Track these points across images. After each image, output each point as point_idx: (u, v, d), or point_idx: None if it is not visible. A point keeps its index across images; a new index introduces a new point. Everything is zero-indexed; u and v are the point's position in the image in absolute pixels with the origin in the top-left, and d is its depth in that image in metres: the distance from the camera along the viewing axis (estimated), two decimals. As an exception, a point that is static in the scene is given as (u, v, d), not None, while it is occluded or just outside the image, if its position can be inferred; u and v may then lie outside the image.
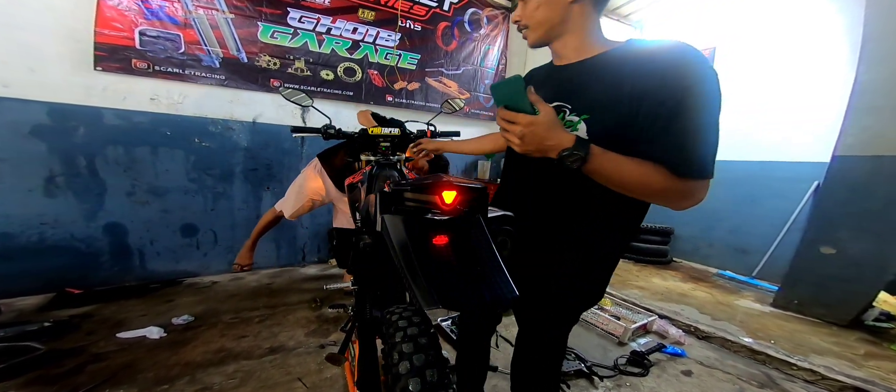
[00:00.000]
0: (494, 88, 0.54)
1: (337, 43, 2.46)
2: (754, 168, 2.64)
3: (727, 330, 1.75)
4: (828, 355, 1.54)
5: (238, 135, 2.23)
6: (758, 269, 2.55)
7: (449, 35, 2.81)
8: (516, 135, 0.53)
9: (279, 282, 2.20)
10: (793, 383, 1.41)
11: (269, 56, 2.25)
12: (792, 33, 2.51)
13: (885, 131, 1.76)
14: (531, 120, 0.52)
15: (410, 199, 0.47)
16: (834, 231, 1.90)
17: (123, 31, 1.85)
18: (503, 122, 0.54)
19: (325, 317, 1.73)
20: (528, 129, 0.52)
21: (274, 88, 2.29)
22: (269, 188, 2.35)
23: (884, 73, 1.77)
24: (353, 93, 2.58)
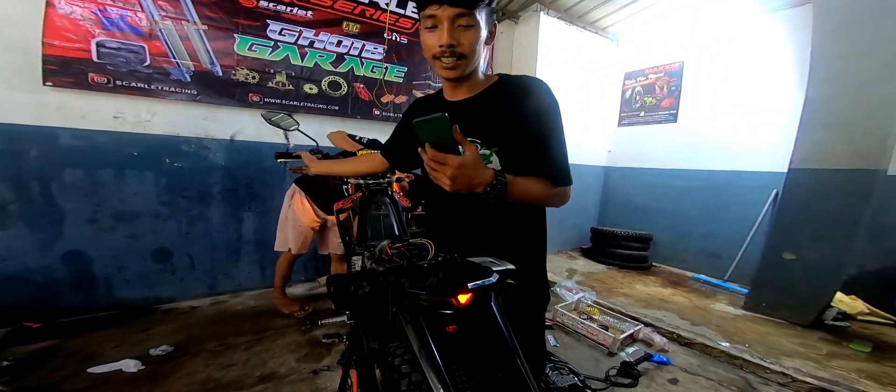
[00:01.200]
0: (419, 125, 0.53)
1: (321, 56, 2.35)
2: (724, 177, 2.77)
3: (706, 335, 1.81)
4: (796, 357, 1.63)
5: (214, 153, 2.07)
6: (729, 272, 2.68)
7: (436, 48, 2.77)
8: (448, 176, 0.55)
9: (265, 304, 2.08)
10: (768, 387, 1.48)
11: (248, 69, 2.11)
12: (751, 51, 2.66)
13: (833, 147, 1.89)
14: (461, 161, 0.54)
15: (425, 300, 0.48)
16: (794, 237, 2.02)
17: (77, 43, 1.66)
18: (433, 163, 0.55)
19: (317, 340, 1.65)
20: (459, 171, 0.55)
21: (253, 104, 2.15)
22: (250, 208, 2.21)
23: (830, 92, 1.91)
24: (338, 107, 2.48)
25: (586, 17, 3.11)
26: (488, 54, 3.03)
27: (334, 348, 1.58)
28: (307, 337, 1.69)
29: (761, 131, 2.59)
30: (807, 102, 1.99)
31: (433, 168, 0.56)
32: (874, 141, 1.81)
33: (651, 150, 3.25)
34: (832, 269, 1.92)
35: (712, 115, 2.86)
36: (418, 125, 0.53)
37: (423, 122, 0.52)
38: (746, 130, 2.67)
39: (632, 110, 3.45)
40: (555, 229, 0.89)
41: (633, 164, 3.41)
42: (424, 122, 0.52)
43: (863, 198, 1.83)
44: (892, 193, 2.01)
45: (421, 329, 0.46)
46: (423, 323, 0.46)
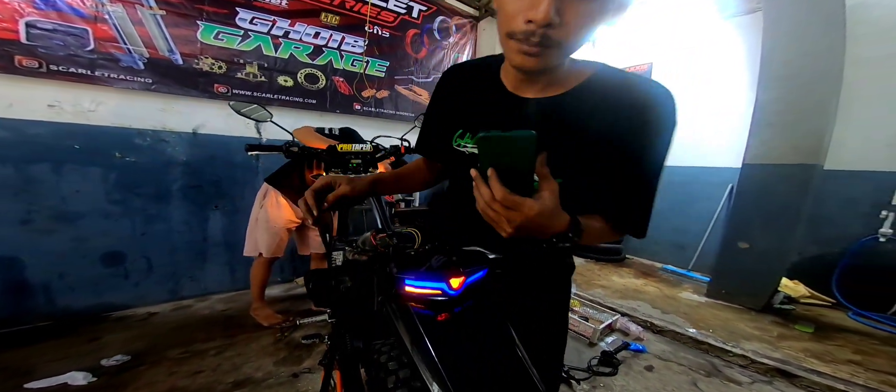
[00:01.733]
0: (487, 142, 0.34)
1: (296, 47, 2.21)
2: (690, 172, 2.95)
3: (675, 323, 1.91)
4: (752, 340, 1.75)
5: (174, 148, 1.87)
6: (692, 262, 2.86)
7: (418, 42, 2.71)
8: (512, 224, 0.36)
9: (237, 307, 1.92)
10: (731, 369, 1.57)
11: (213, 59, 1.93)
12: (711, 54, 2.85)
13: (778, 144, 2.06)
14: (540, 210, 0.35)
15: (413, 286, 0.44)
16: (747, 228, 2.18)
17: (2, 22, 1.43)
18: (495, 211, 0.36)
19: (296, 342, 1.54)
20: (530, 224, 0.35)
21: (220, 95, 1.98)
22: (217, 207, 2.02)
23: (776, 94, 2.07)
24: (315, 101, 2.34)
25: None
26: (472, 48, 3.02)
27: (315, 349, 1.49)
28: (286, 339, 1.58)
29: (721, 129, 2.78)
30: (757, 103, 2.15)
31: (493, 215, 0.36)
32: (812, 139, 1.99)
33: None
34: (778, 256, 2.10)
35: (682, 114, 3.02)
36: (485, 141, 0.34)
37: (497, 139, 0.33)
38: (709, 129, 2.86)
39: None
40: None
41: None
42: (498, 140, 0.33)
43: (803, 190, 2.01)
44: (827, 186, 2.21)
45: (410, 318, 0.42)
46: (412, 312, 0.42)
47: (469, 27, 2.97)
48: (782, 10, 2.05)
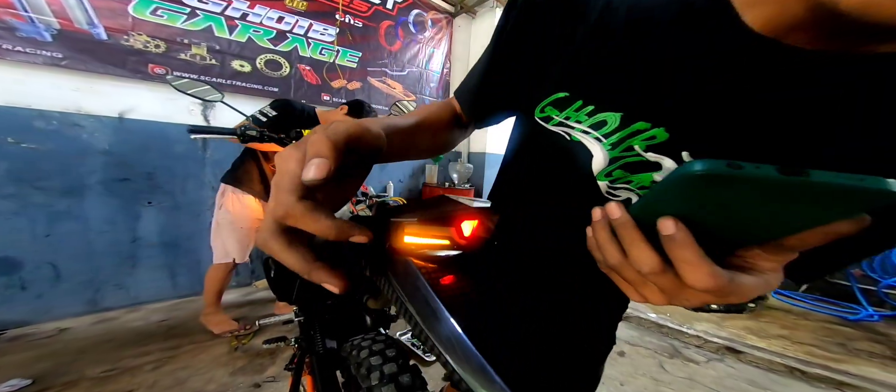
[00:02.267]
0: (687, 182, 0.15)
1: (256, 31, 1.98)
2: None
3: (639, 308, 2.01)
4: (703, 321, 1.90)
5: (92, 134, 1.55)
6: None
7: (393, 34, 2.59)
8: (687, 301, 0.20)
9: (180, 316, 1.64)
10: (689, 350, 1.68)
11: (149, 36, 1.64)
12: None
13: None
14: (751, 288, 0.19)
15: (416, 236, 0.32)
16: None
17: None
18: (689, 293, 0.19)
19: (257, 350, 1.36)
20: (721, 298, 0.19)
21: (155, 76, 1.68)
22: (150, 203, 1.71)
23: None
24: (278, 89, 2.12)
25: None
26: (448, 45, 2.97)
27: (281, 354, 1.33)
28: (244, 348, 1.38)
29: None
30: None
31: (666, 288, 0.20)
32: None
33: None
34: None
35: None
36: (685, 180, 0.15)
37: (718, 174, 0.14)
38: None
39: None
40: None
41: None
42: (718, 174, 0.14)
43: None
44: None
45: (412, 274, 0.30)
46: (414, 266, 0.30)
47: (445, 23, 2.93)
48: None
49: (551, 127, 0.32)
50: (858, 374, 1.40)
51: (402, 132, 0.34)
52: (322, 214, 0.20)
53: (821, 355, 1.55)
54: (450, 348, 0.24)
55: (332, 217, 0.20)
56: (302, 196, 0.20)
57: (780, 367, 1.49)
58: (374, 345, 0.44)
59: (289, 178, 0.20)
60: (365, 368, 0.41)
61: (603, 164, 0.31)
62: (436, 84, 2.94)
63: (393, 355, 0.43)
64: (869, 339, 1.74)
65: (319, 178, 0.19)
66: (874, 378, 1.36)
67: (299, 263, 0.21)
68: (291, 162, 0.20)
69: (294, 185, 0.20)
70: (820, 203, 0.15)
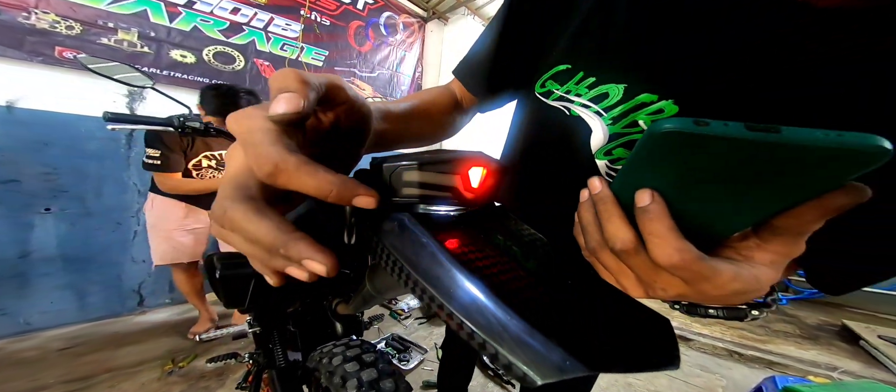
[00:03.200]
0: (709, 141, 0.13)
1: (204, 20, 1.75)
2: None
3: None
4: (658, 310, 2.06)
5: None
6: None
7: (363, 35, 2.49)
8: (667, 292, 0.19)
9: (92, 342, 1.34)
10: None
11: (58, 16, 1.36)
12: None
13: None
14: (739, 286, 0.17)
15: (415, 184, 0.25)
16: None
17: None
18: (665, 276, 0.18)
19: (201, 371, 1.16)
20: (712, 299, 0.18)
21: (64, 61, 1.39)
22: (48, 210, 1.37)
23: None
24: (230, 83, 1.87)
25: None
26: (419, 49, 2.94)
27: (231, 375, 1.14)
28: (182, 372, 1.16)
29: None
30: None
31: (638, 272, 0.19)
32: None
33: None
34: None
35: None
36: (693, 143, 0.14)
37: (764, 145, 0.13)
38: None
39: None
40: None
41: None
42: (764, 146, 0.13)
43: None
44: None
45: (412, 225, 0.23)
46: (417, 223, 0.23)
47: (417, 27, 2.91)
48: None
49: (551, 101, 0.29)
50: (781, 353, 1.58)
51: (395, 116, 0.29)
52: (320, 168, 0.15)
53: (751, 338, 1.75)
54: (474, 311, 0.18)
55: (331, 171, 0.16)
56: (290, 148, 0.15)
57: (723, 351, 1.65)
58: (347, 351, 0.39)
59: (262, 131, 0.15)
60: (339, 377, 0.36)
61: (602, 140, 0.27)
62: (407, 87, 2.88)
63: (371, 360, 0.38)
64: (782, 320, 2.02)
65: (291, 112, 0.15)
66: (794, 356, 1.56)
67: (273, 233, 0.15)
68: (257, 117, 0.15)
69: (273, 136, 0.15)
70: (801, 168, 0.13)
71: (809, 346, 1.67)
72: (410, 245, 0.22)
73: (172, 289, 1.71)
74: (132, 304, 1.59)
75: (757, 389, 0.82)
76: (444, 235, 0.22)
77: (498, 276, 0.19)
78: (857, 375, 1.41)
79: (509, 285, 0.20)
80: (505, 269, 0.21)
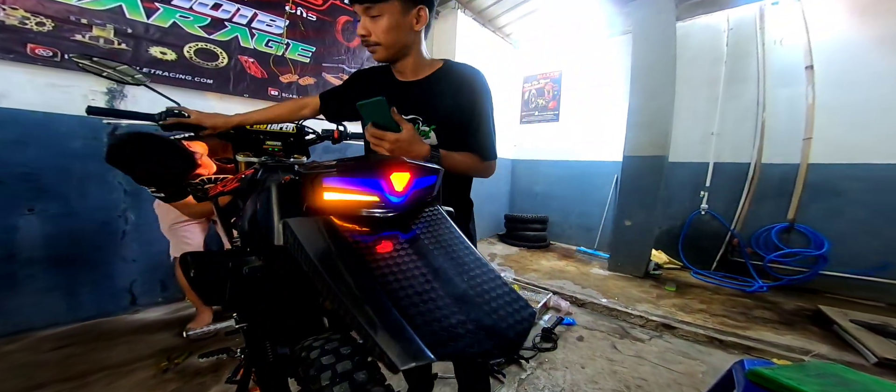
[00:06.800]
0: (361, 107, 0.56)
1: (184, 16, 1.68)
2: (589, 165, 3.44)
3: (592, 295, 2.13)
4: (643, 302, 2.07)
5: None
6: (596, 242, 3.34)
7: (350, 30, 2.41)
8: (386, 150, 0.59)
9: (87, 341, 1.31)
10: (635, 329, 1.81)
11: (28, 11, 1.28)
12: (602, 66, 3.37)
13: (642, 139, 2.57)
14: (397, 137, 0.58)
15: (340, 191, 0.28)
16: (629, 208, 2.64)
17: None
18: (373, 139, 0.59)
19: (196, 367, 1.15)
20: (396, 145, 0.58)
21: (37, 58, 1.32)
22: (32, 210, 1.32)
23: (641, 100, 2.59)
24: (212, 80, 1.82)
25: (495, 21, 3.34)
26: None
27: (225, 370, 1.12)
28: (177, 369, 1.15)
29: (607, 130, 3.30)
30: (629, 107, 2.65)
31: (375, 143, 0.59)
32: (661, 137, 2.53)
33: (544, 144, 3.76)
34: (649, 230, 2.59)
35: (580, 115, 3.52)
36: (361, 107, 0.56)
37: (365, 104, 0.55)
38: (599, 129, 3.38)
39: (529, 110, 3.91)
40: (477, 218, 0.87)
41: (533, 156, 3.87)
42: (366, 105, 0.55)
43: (658, 177, 2.53)
44: (671, 173, 2.82)
45: (325, 240, 0.26)
46: (328, 231, 0.27)
47: (404, 27, 2.83)
48: (641, 33, 2.59)
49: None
50: (758, 338, 1.61)
51: (256, 121, 0.91)
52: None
53: (731, 324, 1.78)
54: (358, 305, 0.23)
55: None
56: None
57: (704, 338, 1.68)
58: (326, 344, 0.39)
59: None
60: (315, 369, 0.36)
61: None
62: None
63: (347, 353, 0.38)
64: (761, 307, 2.06)
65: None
66: (770, 341, 1.59)
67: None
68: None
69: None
70: (381, 108, 0.56)
71: (785, 332, 1.71)
72: (315, 248, 0.24)
73: (165, 288, 1.68)
74: (124, 303, 1.56)
75: (727, 373, 0.83)
76: (372, 242, 0.24)
77: (395, 275, 0.23)
78: (828, 358, 1.44)
79: (403, 283, 0.24)
80: (408, 267, 0.24)
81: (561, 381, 1.28)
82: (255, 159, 0.89)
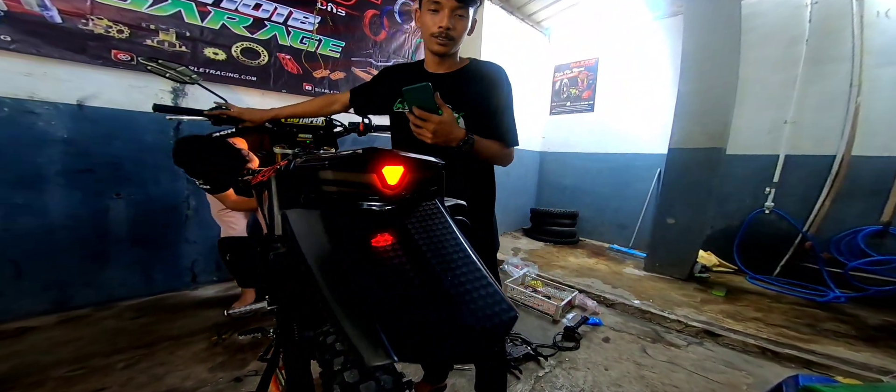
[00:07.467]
0: (407, 92, 0.63)
1: (231, 18, 1.83)
2: (626, 158, 3.18)
3: (624, 296, 1.99)
4: (683, 306, 1.90)
5: (49, 122, 1.40)
6: (632, 240, 3.10)
7: (378, 24, 2.45)
8: (429, 130, 0.66)
9: (156, 313, 1.54)
10: (671, 334, 1.67)
11: (110, 21, 1.49)
12: (645, 51, 3.07)
13: (694, 130, 2.29)
14: (440, 119, 0.66)
15: (332, 182, 0.29)
16: (673, 206, 2.39)
17: None
18: (417, 121, 0.67)
19: (238, 344, 1.28)
20: (440, 126, 0.66)
21: (119, 62, 1.54)
22: (119, 195, 1.57)
23: (693, 87, 2.30)
24: (256, 78, 1.97)
25: (524, 8, 3.19)
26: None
27: (262, 347, 1.25)
28: (225, 343, 1.30)
29: (650, 121, 3.02)
30: (679, 95, 2.36)
31: (418, 124, 0.67)
32: (718, 126, 2.23)
33: (575, 136, 3.55)
34: (696, 230, 2.33)
35: (618, 105, 3.25)
36: (407, 91, 0.63)
37: (411, 89, 0.62)
38: (640, 120, 3.09)
39: (560, 100, 3.70)
40: (501, 211, 0.87)
41: (562, 149, 3.67)
42: (412, 89, 0.62)
43: (712, 171, 2.25)
44: (728, 167, 2.49)
45: (320, 232, 0.26)
46: (325, 223, 0.27)
47: (430, 15, 2.79)
48: (696, 13, 2.27)
49: (396, 110, 0.85)
50: (825, 353, 1.40)
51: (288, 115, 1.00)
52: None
53: (791, 336, 1.56)
54: (336, 300, 0.23)
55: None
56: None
57: (754, 348, 1.49)
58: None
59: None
60: (330, 354, 0.38)
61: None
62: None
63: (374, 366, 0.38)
64: (836, 319, 1.77)
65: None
66: (840, 357, 1.37)
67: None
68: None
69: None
70: (427, 93, 0.64)
71: (863, 348, 1.45)
72: (304, 239, 0.25)
73: (219, 267, 1.91)
74: (187, 279, 1.81)
75: (776, 387, 0.73)
76: (344, 232, 0.25)
77: (378, 270, 0.23)
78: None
79: (383, 279, 0.24)
80: (392, 263, 0.24)
81: (581, 381, 1.24)
82: (290, 151, 0.97)
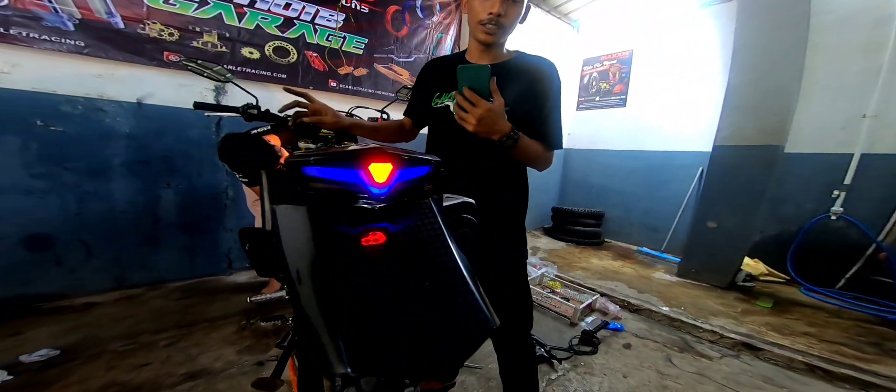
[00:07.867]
0: (463, 70, 0.58)
1: (264, 18, 1.95)
2: (661, 156, 2.94)
3: (650, 302, 1.86)
4: (720, 316, 1.73)
5: (115, 119, 1.59)
6: (665, 243, 2.87)
7: (399, 20, 2.47)
8: (475, 116, 0.60)
9: (197, 295, 1.69)
10: (702, 345, 1.53)
11: (163, 25, 1.66)
12: (687, 42, 2.81)
13: (746, 126, 2.05)
14: (490, 107, 0.59)
15: (318, 179, 0.27)
16: (715, 208, 2.17)
17: None
18: (465, 102, 0.60)
19: (264, 330, 1.38)
20: (488, 114, 0.60)
21: (170, 64, 1.70)
22: (169, 185, 1.75)
23: (747, 78, 2.06)
24: (286, 75, 2.09)
25: (551, 0, 3.05)
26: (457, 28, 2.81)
27: (283, 334, 1.34)
28: (252, 328, 1.41)
29: (693, 114, 2.76)
30: (729, 87, 2.12)
31: (464, 107, 0.60)
32: (777, 121, 1.98)
33: (604, 132, 3.35)
34: (742, 235, 2.10)
35: (654, 100, 3.01)
36: (462, 70, 0.58)
37: (467, 68, 0.58)
38: (679, 115, 2.84)
39: (588, 95, 3.51)
40: None
41: (589, 146, 3.49)
42: (468, 68, 0.58)
43: (767, 171, 2.01)
44: (787, 167, 2.22)
45: (305, 230, 0.26)
46: (311, 220, 0.26)
47: (454, 7, 2.77)
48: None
49: (435, 105, 0.78)
50: (890, 375, 1.21)
51: (365, 129, 0.88)
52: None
53: (851, 355, 1.37)
54: (312, 306, 0.23)
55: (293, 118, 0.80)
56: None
57: (801, 365, 1.33)
58: None
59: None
60: None
61: (453, 106, 0.65)
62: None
63: None
64: (913, 340, 1.51)
65: None
66: (914, 383, 1.17)
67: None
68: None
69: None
70: (479, 71, 0.59)
71: (946, 379, 1.22)
72: (286, 235, 0.25)
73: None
74: (223, 265, 1.98)
75: None
76: (327, 230, 0.24)
77: (354, 273, 0.22)
78: None
79: (357, 283, 0.23)
80: (370, 266, 0.23)
81: (596, 387, 1.19)
82: (313, 145, 1.01)
